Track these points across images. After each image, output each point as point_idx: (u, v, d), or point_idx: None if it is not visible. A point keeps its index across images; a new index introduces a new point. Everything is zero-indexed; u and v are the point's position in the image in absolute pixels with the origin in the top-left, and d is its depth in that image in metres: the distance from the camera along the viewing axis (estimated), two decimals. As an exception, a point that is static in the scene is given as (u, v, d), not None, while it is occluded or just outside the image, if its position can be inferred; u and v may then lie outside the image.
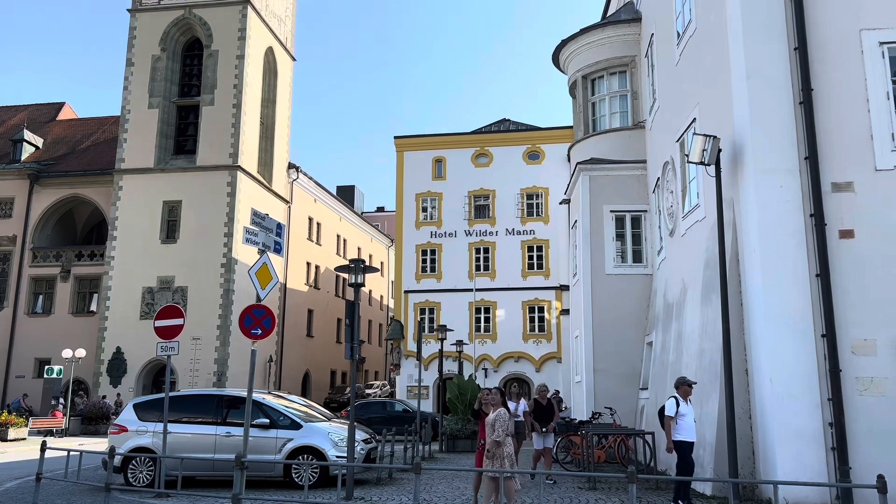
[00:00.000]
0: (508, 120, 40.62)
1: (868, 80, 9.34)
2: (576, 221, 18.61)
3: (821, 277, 8.98)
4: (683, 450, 8.87)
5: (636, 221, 17.07)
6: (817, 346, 8.92)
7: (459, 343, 25.44)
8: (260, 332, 9.71)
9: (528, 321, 35.38)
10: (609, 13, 22.77)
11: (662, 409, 9.14)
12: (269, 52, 38.71)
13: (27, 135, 39.93)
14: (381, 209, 73.43)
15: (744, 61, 9.78)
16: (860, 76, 9.38)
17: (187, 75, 36.79)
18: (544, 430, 12.37)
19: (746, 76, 9.71)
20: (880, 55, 9.37)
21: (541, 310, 35.45)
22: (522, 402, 13.52)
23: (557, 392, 29.07)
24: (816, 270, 9.04)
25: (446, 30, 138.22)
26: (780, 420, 8.80)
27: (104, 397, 31.48)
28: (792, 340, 8.97)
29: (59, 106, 45.41)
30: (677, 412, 8.90)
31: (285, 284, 38.48)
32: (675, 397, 9.06)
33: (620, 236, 17.09)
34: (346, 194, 62.17)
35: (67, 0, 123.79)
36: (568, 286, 23.42)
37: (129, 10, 36.82)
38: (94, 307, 35.92)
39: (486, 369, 34.70)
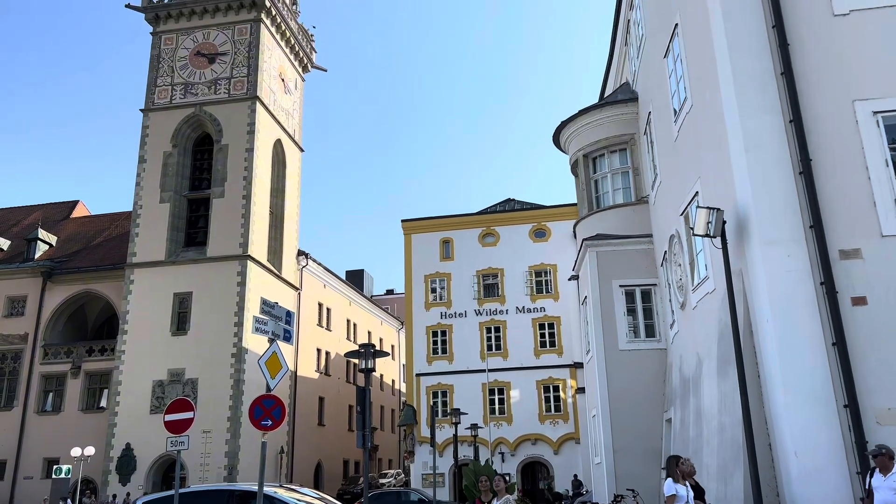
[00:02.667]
0: (513, 200, 41.18)
1: (865, 148, 9.46)
2: (586, 297, 18.54)
3: (837, 346, 8.83)
4: None
5: (646, 295, 16.98)
6: (840, 417, 8.68)
7: (474, 427, 24.96)
8: (270, 423, 9.56)
9: (543, 401, 34.77)
10: (606, 93, 23.41)
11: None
12: (278, 144, 39.77)
13: (41, 233, 40.68)
14: (390, 292, 73.55)
15: (741, 135, 9.95)
16: (857, 145, 9.51)
17: (198, 169, 37.73)
18: None
19: (745, 149, 9.86)
20: (875, 124, 9.53)
21: (556, 389, 34.90)
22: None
23: (576, 476, 28.25)
24: (832, 339, 8.91)
25: (448, 114, 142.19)
26: (808, 497, 8.47)
27: (114, 496, 30.76)
28: (814, 412, 8.74)
29: (73, 204, 46.43)
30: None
31: (296, 372, 38.15)
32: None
33: (632, 311, 16.96)
34: (355, 278, 62.46)
35: (83, 102, 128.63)
36: (582, 363, 23.11)
37: (141, 110, 38.15)
38: (103, 403, 35.58)
39: (502, 453, 33.83)
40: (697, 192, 12.35)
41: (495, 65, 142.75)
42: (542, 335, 35.70)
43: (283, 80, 41.27)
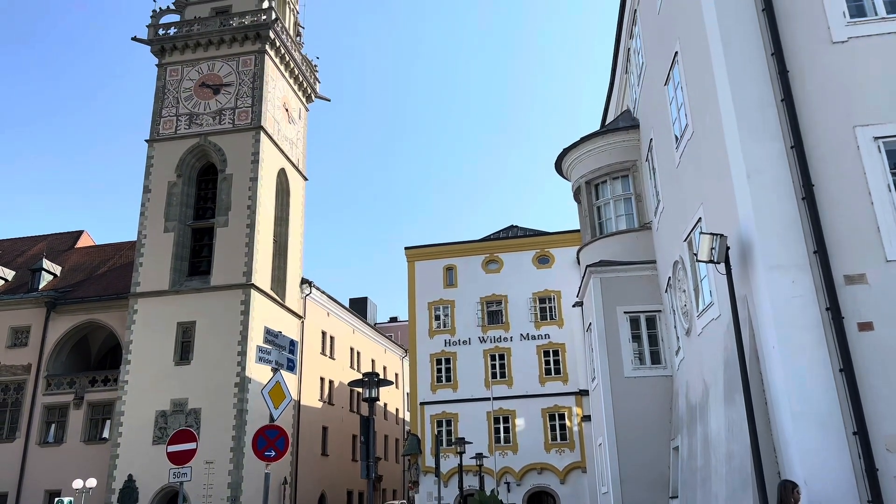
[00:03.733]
0: (516, 226, 41.24)
1: (867, 174, 9.48)
2: (590, 324, 18.46)
3: (845, 372, 8.76)
4: None
5: (651, 322, 16.89)
6: (850, 444, 8.58)
7: (479, 456, 24.72)
8: (273, 454, 9.50)
9: (549, 429, 34.46)
10: (607, 120, 23.56)
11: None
12: (282, 173, 40.00)
13: (46, 263, 40.78)
14: (394, 319, 73.40)
15: (742, 161, 9.98)
16: (859, 170, 9.53)
17: (202, 198, 37.92)
18: None
19: (747, 175, 9.88)
20: (876, 149, 9.56)
21: (561, 417, 34.61)
22: None
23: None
24: (840, 365, 8.83)
25: (451, 142, 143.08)
26: (820, 526, 8.32)
27: (114, 529, 30.39)
28: (823, 440, 8.64)
29: (78, 234, 46.63)
30: None
31: (299, 401, 37.92)
32: None
33: (636, 338, 16.87)
34: (358, 306, 62.36)
35: (88, 134, 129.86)
36: (587, 391, 22.94)
37: (147, 141, 38.46)
38: (106, 434, 35.35)
39: (508, 483, 33.46)
40: (700, 218, 12.36)
41: (498, 92, 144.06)
42: (547, 362, 35.50)
43: (286, 110, 41.66)
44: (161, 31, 40.23)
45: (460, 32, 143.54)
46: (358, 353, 48.75)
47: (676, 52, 13.28)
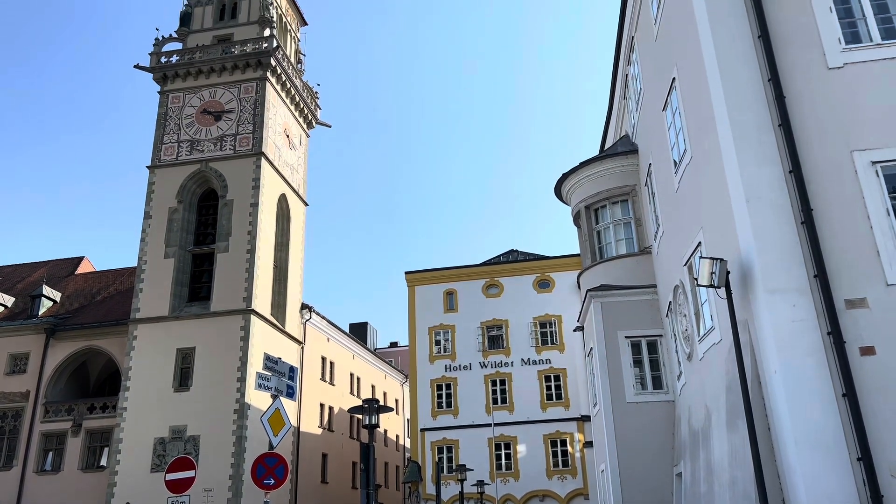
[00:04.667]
0: (516, 251, 41.28)
1: (866, 198, 9.51)
2: (591, 349, 18.39)
3: (847, 397, 8.71)
4: None
5: (652, 346, 16.83)
6: (854, 471, 8.50)
7: (480, 483, 24.51)
8: (273, 482, 9.41)
9: (550, 456, 34.17)
10: (606, 145, 23.70)
11: None
12: (283, 199, 40.12)
13: (45, 290, 40.71)
14: (394, 345, 73.15)
15: (741, 185, 10.02)
16: (858, 195, 9.56)
17: (203, 224, 37.96)
18: None
19: (746, 199, 9.91)
20: (874, 174, 9.60)
21: (563, 443, 34.33)
22: None
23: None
24: (842, 390, 8.78)
25: (450, 166, 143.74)
26: (826, 555, 8.21)
27: (111, 559, 29.97)
28: (827, 466, 8.55)
29: (79, 260, 46.62)
30: None
31: (298, 428, 37.62)
32: None
33: (638, 362, 16.79)
34: (358, 331, 62.19)
35: (89, 160, 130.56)
36: (589, 416, 22.78)
37: (148, 167, 38.63)
38: (104, 461, 35.01)
39: (509, 510, 33.07)
40: (700, 243, 12.37)
41: (498, 117, 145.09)
42: (549, 387, 35.30)
43: (287, 135, 41.92)
44: (163, 59, 40.63)
45: (460, 58, 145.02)
46: (358, 378, 48.49)
47: (674, 78, 13.40)
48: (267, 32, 40.82)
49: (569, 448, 33.98)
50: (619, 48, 19.45)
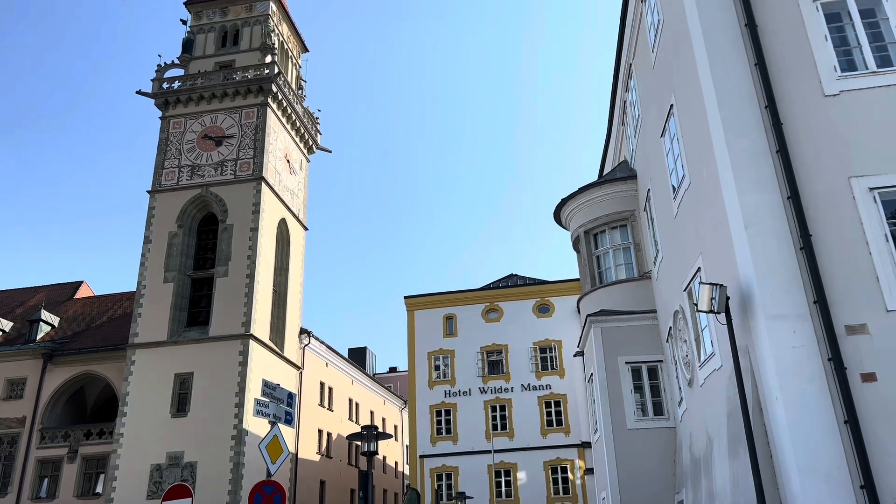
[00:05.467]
0: (516, 275, 41.25)
1: (864, 224, 9.54)
2: (591, 374, 18.30)
3: (849, 424, 8.65)
4: None
5: (653, 372, 16.75)
6: (857, 499, 8.41)
7: (480, 510, 24.18)
8: (270, 510, 9.30)
9: (551, 483, 33.84)
10: (605, 169, 23.81)
11: None
12: (282, 224, 40.19)
13: (44, 314, 40.59)
14: (393, 370, 72.78)
15: (740, 211, 10.05)
16: (856, 221, 9.59)
17: (202, 249, 37.96)
18: None
19: (744, 225, 9.93)
20: (872, 200, 9.64)
21: (564, 470, 34.00)
22: None
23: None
24: (844, 417, 8.73)
25: (450, 191, 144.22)
26: (831, 585, 8.10)
27: (105, 588, 29.51)
28: (830, 494, 8.47)
29: (77, 285, 46.55)
30: None
31: (296, 455, 37.28)
32: None
33: (639, 388, 16.69)
34: (357, 356, 61.92)
35: (89, 185, 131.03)
36: (590, 443, 22.60)
37: (148, 192, 38.75)
38: (99, 489, 34.63)
39: (510, 538, 32.67)
40: (700, 268, 12.37)
41: (498, 142, 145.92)
42: (549, 413, 35.05)
43: (288, 161, 42.13)
44: (165, 85, 40.96)
45: (460, 84, 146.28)
46: (357, 404, 48.16)
47: (672, 105, 13.50)
48: (268, 59, 41.22)
49: (569, 475, 33.65)
50: (617, 75, 19.63)
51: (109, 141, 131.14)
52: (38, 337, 39.48)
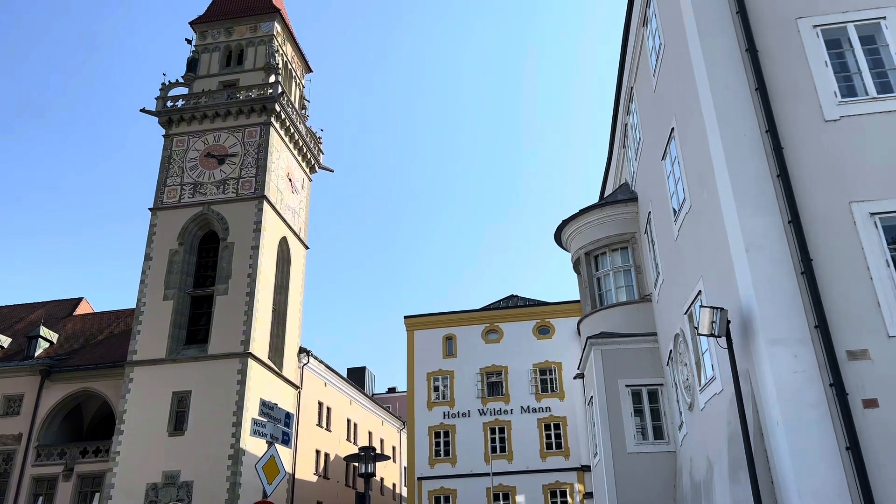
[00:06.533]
0: (516, 296, 41.18)
1: (865, 249, 9.53)
2: (591, 397, 18.19)
3: (851, 450, 8.58)
4: None
5: (653, 395, 16.64)
6: (861, 527, 8.32)
7: (478, 534, 23.91)
8: (266, 532, 9.20)
9: (550, 506, 33.45)
10: (606, 192, 23.87)
11: None
12: (283, 242, 40.21)
13: (43, 331, 40.49)
14: (392, 390, 72.43)
15: (741, 235, 10.05)
16: (857, 246, 9.59)
17: (203, 266, 37.94)
18: None
19: (745, 249, 9.93)
20: (873, 225, 9.64)
21: (563, 493, 33.69)
22: None
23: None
24: (846, 443, 8.66)
25: (450, 212, 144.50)
26: None
27: None
28: (832, 521, 8.38)
29: (77, 301, 46.48)
30: None
31: (293, 475, 36.97)
32: None
33: (639, 412, 16.58)
34: (356, 376, 61.65)
35: (91, 202, 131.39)
36: (589, 466, 22.41)
37: (150, 209, 38.84)
38: (94, 507, 34.31)
39: (508, 562, 32.29)
40: (700, 291, 12.35)
41: (499, 162, 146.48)
42: (549, 436, 34.80)
43: (290, 179, 42.26)
44: (169, 104, 41.22)
45: (462, 103, 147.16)
46: (355, 424, 47.86)
47: (673, 128, 13.57)
48: (272, 79, 41.51)
49: (569, 499, 33.34)
50: (618, 98, 19.76)
51: (113, 155, 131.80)
52: (37, 353, 39.35)
